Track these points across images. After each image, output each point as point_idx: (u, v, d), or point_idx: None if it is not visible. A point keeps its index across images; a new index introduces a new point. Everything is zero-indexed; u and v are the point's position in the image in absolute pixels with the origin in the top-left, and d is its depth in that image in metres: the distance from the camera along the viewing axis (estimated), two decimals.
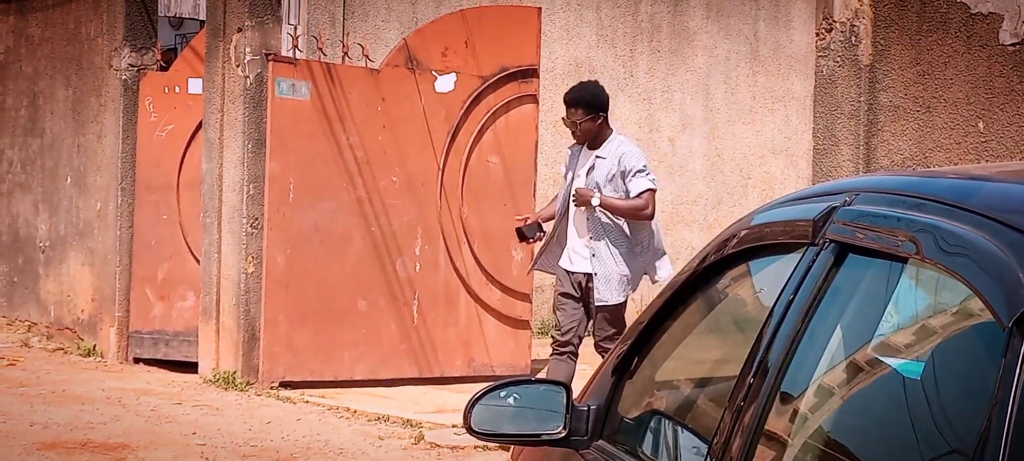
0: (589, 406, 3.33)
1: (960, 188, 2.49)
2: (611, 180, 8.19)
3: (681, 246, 14.44)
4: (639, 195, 8.16)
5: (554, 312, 8.67)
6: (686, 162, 14.59)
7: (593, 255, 8.21)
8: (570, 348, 8.38)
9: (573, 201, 8.26)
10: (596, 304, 8.22)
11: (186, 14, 15.35)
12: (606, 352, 5.99)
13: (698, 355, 3.43)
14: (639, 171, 8.19)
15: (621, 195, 8.19)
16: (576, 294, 8.30)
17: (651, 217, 8.25)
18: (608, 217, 8.20)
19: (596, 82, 8.78)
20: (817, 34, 8.02)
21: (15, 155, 12.76)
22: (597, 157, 8.25)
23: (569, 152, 8.55)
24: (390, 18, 12.94)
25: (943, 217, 2.36)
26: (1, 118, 12.93)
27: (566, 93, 8.40)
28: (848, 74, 7.75)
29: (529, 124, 11.19)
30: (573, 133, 8.32)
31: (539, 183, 11.75)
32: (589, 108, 8.22)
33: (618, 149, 8.26)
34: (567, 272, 8.35)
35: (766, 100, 14.79)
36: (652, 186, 8.19)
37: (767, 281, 2.92)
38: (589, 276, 8.23)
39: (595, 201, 8.10)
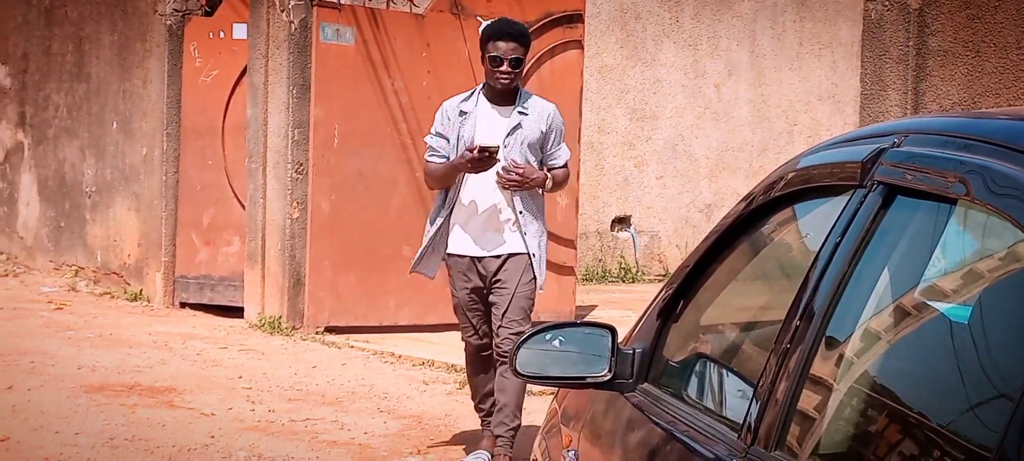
0: (634, 349, 3.32)
1: (1011, 129, 2.46)
2: (529, 145, 6.72)
3: (726, 193, 14.39)
4: (565, 166, 6.88)
5: (460, 315, 6.92)
6: (732, 108, 14.51)
7: (524, 233, 6.73)
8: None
9: (502, 181, 6.63)
10: (538, 289, 6.79)
11: None
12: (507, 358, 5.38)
13: (743, 299, 3.42)
14: (562, 135, 6.89)
15: (536, 160, 6.78)
16: (482, 285, 6.79)
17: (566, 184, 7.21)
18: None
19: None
20: None
21: (61, 100, 12.82)
22: (520, 113, 6.71)
23: (451, 111, 6.79)
24: None
25: (993, 158, 2.33)
26: (47, 63, 12.98)
27: (503, 24, 6.81)
28: (897, 18, 7.67)
29: (574, 70, 11.14)
30: (501, 78, 6.63)
31: (584, 129, 11.71)
32: (527, 49, 6.76)
33: (543, 106, 6.79)
34: (475, 260, 6.76)
35: (813, 45, 14.67)
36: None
37: (814, 224, 2.90)
38: (509, 258, 6.74)
39: (549, 184, 6.76)
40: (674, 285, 3.36)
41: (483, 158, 6.47)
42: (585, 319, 10.56)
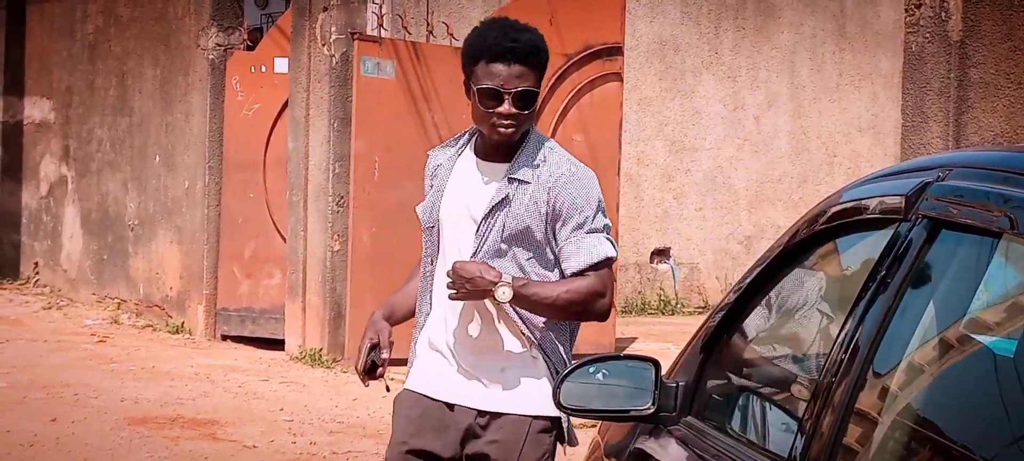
0: (677, 382, 3.33)
1: None
2: (517, 236, 3.98)
3: (766, 224, 14.37)
4: (594, 269, 3.94)
5: None
6: (771, 140, 14.49)
7: (538, 373, 4.00)
8: None
9: (449, 286, 3.98)
10: (568, 445, 4.11)
11: None
12: None
13: (789, 331, 3.42)
14: (597, 219, 3.97)
15: (547, 265, 4.00)
16: (450, 455, 4.07)
17: (606, 316, 4.07)
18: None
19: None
20: (907, 10, 7.93)
21: (104, 134, 12.93)
22: (511, 180, 3.98)
23: (430, 163, 4.24)
24: None
25: None
26: (91, 97, 13.10)
27: (501, 33, 3.98)
28: (938, 50, 7.66)
29: (614, 102, 11.16)
30: (499, 127, 3.92)
31: (623, 162, 11.72)
32: (541, 74, 4.04)
33: (554, 168, 3.98)
34: (447, 406, 4.08)
35: (852, 77, 14.65)
36: (614, 253, 3.96)
37: (858, 257, 2.90)
38: (505, 420, 3.99)
39: (503, 294, 3.89)
40: (718, 318, 3.37)
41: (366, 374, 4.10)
42: (626, 352, 10.55)
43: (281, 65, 11.16)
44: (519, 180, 3.98)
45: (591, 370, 3.29)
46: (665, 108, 13.98)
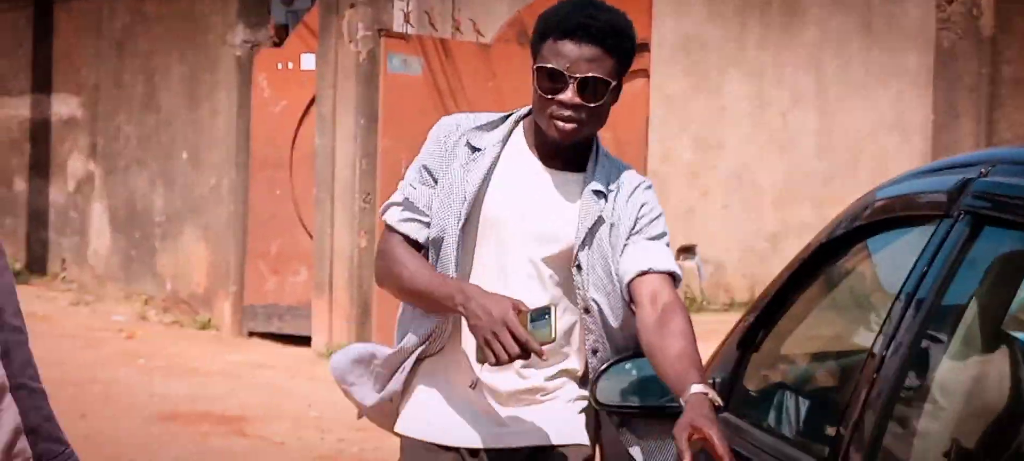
0: (714, 379, 3.32)
1: None
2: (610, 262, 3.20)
3: (792, 222, 14.33)
4: (674, 283, 3.17)
5: None
6: (797, 138, 14.46)
7: (569, 396, 3.29)
8: None
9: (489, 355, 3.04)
10: None
11: None
12: None
13: (826, 328, 3.41)
14: (663, 230, 3.27)
15: (614, 278, 3.20)
16: None
17: None
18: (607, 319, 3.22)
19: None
20: (937, 6, 7.89)
21: (132, 131, 12.96)
22: (595, 192, 3.23)
23: (450, 134, 3.29)
24: None
25: None
26: (118, 95, 13.13)
27: (583, 7, 3.19)
28: (969, 46, 7.62)
29: (640, 99, 11.15)
30: (558, 121, 3.14)
31: (650, 159, 11.71)
32: (621, 67, 3.20)
33: (628, 177, 3.29)
34: (470, 454, 3.31)
35: (879, 74, 14.60)
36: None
37: (898, 254, 2.89)
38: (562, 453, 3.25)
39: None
40: (754, 315, 3.36)
41: (515, 350, 2.99)
42: None
43: (308, 62, 11.17)
44: (597, 190, 3.21)
45: (627, 367, 3.27)
46: (691, 105, 13.96)
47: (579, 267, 3.18)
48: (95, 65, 13.40)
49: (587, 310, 3.19)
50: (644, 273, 3.14)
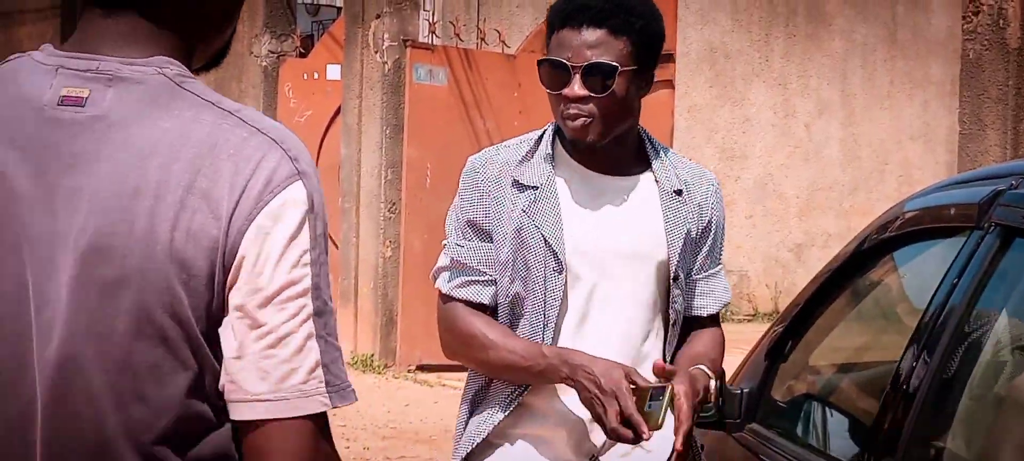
0: (742, 389, 3.32)
1: None
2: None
3: (816, 232, 14.32)
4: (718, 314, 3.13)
5: None
6: (822, 148, 14.45)
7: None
8: None
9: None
10: None
11: (323, 1, 15.53)
12: None
13: (854, 339, 3.41)
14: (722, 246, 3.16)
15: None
16: None
17: None
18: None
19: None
20: (963, 17, 7.87)
21: None
22: (675, 191, 2.95)
23: (489, 177, 2.93)
24: (524, 3, 12.98)
25: None
26: None
27: None
28: (996, 57, 7.60)
29: (665, 109, 11.15)
30: (567, 117, 2.85)
31: None
32: (637, 48, 2.88)
33: (694, 174, 3.03)
34: None
35: (904, 84, 14.58)
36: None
37: (928, 265, 2.89)
38: None
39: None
40: (782, 326, 3.37)
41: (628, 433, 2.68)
42: None
43: (333, 72, 11.22)
44: (678, 191, 2.94)
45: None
46: (715, 115, 13.96)
47: (676, 278, 2.91)
48: None
49: (674, 323, 2.95)
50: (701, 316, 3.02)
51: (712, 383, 2.80)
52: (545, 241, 2.84)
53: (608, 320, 2.86)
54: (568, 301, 2.88)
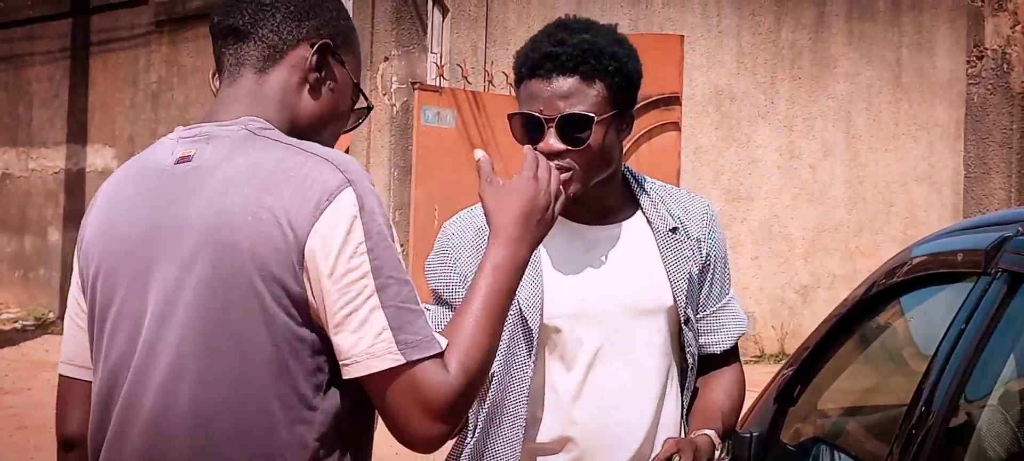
0: (751, 433, 3.35)
1: None
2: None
3: (822, 274, 14.33)
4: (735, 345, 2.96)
5: None
6: (827, 189, 14.48)
7: None
8: None
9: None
10: None
11: None
12: None
13: (863, 383, 3.44)
14: (728, 272, 3.04)
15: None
16: None
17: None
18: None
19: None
20: (968, 61, 7.92)
21: None
22: (671, 230, 2.82)
23: (459, 244, 2.97)
24: None
25: None
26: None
27: (548, 34, 2.74)
28: (1000, 102, 7.65)
29: (672, 151, 11.20)
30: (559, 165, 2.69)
31: None
32: (612, 92, 2.70)
33: (686, 203, 2.93)
34: None
35: (909, 127, 14.63)
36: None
37: (936, 311, 2.92)
38: None
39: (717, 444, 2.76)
40: (791, 369, 3.40)
41: None
42: None
43: None
44: (674, 230, 2.80)
45: None
46: (721, 157, 14.00)
47: (687, 321, 2.78)
48: (130, 116, 13.53)
49: (691, 367, 2.83)
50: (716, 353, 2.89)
51: (717, 445, 2.69)
52: (520, 311, 2.69)
53: (622, 376, 2.73)
54: (578, 362, 2.74)
